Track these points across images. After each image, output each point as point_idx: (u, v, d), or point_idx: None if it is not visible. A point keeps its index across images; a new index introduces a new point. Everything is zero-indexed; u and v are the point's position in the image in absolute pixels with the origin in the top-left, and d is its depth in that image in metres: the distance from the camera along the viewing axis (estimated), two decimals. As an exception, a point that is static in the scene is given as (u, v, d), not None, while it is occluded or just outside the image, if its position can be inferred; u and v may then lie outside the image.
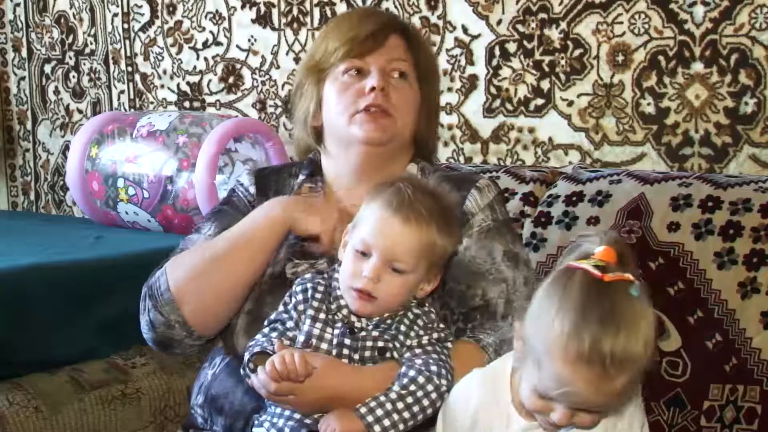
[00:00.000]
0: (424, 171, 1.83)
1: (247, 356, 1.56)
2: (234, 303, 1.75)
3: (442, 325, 1.61)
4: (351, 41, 1.77)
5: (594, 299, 1.33)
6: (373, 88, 1.73)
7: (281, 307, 1.61)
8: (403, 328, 1.57)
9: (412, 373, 1.52)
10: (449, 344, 1.59)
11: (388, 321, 1.57)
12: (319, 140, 1.85)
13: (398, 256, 1.53)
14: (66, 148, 3.39)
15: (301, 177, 1.85)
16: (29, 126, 3.55)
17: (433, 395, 1.51)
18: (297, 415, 1.55)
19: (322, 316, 1.57)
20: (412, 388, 1.50)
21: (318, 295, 1.59)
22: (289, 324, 1.59)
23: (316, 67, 1.82)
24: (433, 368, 1.52)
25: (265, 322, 1.63)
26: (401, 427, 1.48)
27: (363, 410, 1.48)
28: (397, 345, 1.56)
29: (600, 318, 1.31)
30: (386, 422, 1.47)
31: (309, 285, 1.60)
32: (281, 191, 1.85)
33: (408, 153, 1.84)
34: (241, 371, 1.59)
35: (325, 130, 1.82)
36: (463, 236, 1.72)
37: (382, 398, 1.49)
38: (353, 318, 1.57)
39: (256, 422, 1.61)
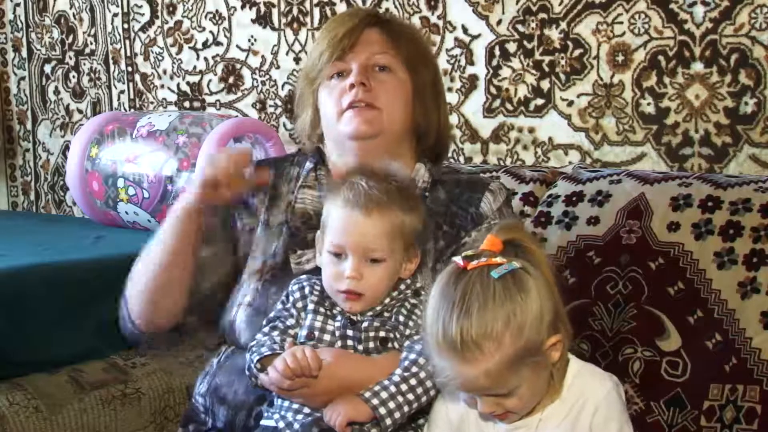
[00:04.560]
0: (431, 172, 1.84)
1: (255, 357, 1.57)
2: (180, 298, 1.79)
3: None
4: (330, 44, 1.80)
5: (450, 288, 1.41)
6: (352, 85, 1.75)
7: (279, 305, 1.63)
8: (401, 318, 1.60)
9: (412, 356, 1.54)
10: None
11: (386, 313, 1.60)
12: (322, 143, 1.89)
13: (371, 248, 1.56)
14: (66, 148, 3.39)
15: (309, 165, 1.85)
16: (29, 126, 3.55)
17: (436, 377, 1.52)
18: (306, 409, 1.57)
19: (322, 309, 1.60)
20: (414, 369, 1.52)
21: (316, 292, 1.61)
22: (290, 321, 1.61)
23: (309, 76, 1.84)
24: None
25: (264, 321, 1.64)
26: (406, 409, 1.51)
27: (368, 394, 1.50)
28: (398, 335, 1.58)
29: (452, 304, 1.39)
30: (391, 404, 1.49)
31: (306, 284, 1.63)
32: (279, 178, 1.86)
33: (410, 147, 1.84)
34: (246, 372, 1.60)
35: (324, 136, 1.85)
36: (472, 231, 1.75)
37: (386, 382, 1.51)
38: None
39: (264, 414, 1.62)
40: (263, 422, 1.61)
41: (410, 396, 1.51)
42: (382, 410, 1.49)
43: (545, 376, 1.44)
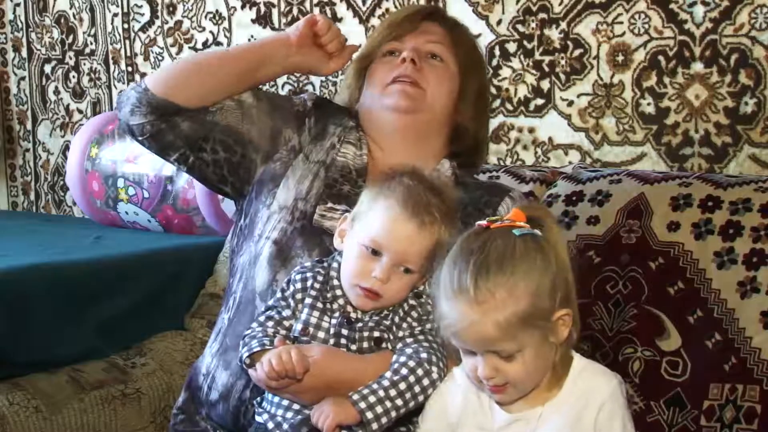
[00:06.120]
0: (455, 172, 1.84)
1: (245, 353, 1.57)
2: (202, 90, 1.79)
3: None
4: (390, 26, 1.87)
5: (471, 242, 1.44)
6: (404, 60, 1.79)
7: (279, 294, 1.63)
8: (397, 319, 1.59)
9: (402, 359, 1.53)
10: None
11: (384, 312, 1.59)
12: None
13: (411, 259, 1.55)
14: (66, 148, 3.39)
15: (352, 123, 1.87)
16: (29, 126, 3.55)
17: (425, 381, 1.52)
18: (296, 406, 1.57)
19: (319, 305, 1.59)
20: (404, 372, 1.51)
21: (317, 285, 1.60)
22: (286, 312, 1.60)
23: (361, 57, 1.89)
24: (423, 355, 1.53)
25: (262, 308, 1.65)
26: (393, 414, 1.50)
27: (356, 397, 1.49)
28: (391, 337, 1.58)
29: (470, 253, 1.42)
30: (379, 409, 1.49)
31: (309, 274, 1.62)
32: (330, 117, 1.88)
33: (442, 142, 1.85)
34: (238, 362, 1.61)
35: (362, 114, 1.86)
36: None
37: (375, 386, 1.51)
38: (349, 308, 1.59)
39: (257, 408, 1.63)
40: (257, 418, 1.62)
41: (399, 401, 1.50)
42: (369, 414, 1.48)
43: (550, 352, 1.44)
